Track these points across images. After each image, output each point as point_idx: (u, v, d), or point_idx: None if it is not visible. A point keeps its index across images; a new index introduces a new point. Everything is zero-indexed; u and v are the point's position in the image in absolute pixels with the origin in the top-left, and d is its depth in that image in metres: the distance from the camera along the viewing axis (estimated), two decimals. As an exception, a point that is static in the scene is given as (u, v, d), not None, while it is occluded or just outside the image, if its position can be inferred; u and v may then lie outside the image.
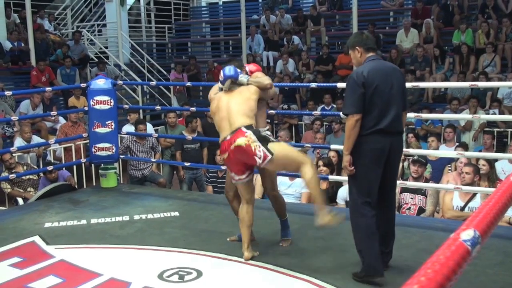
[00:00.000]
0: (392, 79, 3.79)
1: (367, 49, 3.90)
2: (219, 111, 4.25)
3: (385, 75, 3.78)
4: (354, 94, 3.72)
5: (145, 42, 16.12)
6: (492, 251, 4.27)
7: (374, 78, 3.72)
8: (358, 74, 3.75)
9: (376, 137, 3.73)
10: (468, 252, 0.85)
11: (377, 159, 3.76)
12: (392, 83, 3.77)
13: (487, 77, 9.96)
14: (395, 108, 3.77)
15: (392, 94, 3.75)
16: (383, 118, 3.72)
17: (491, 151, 7.75)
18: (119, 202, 6.02)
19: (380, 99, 3.72)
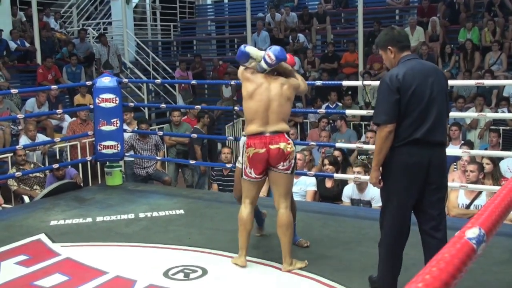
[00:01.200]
0: (433, 82, 3.33)
1: (401, 48, 3.45)
2: (256, 99, 3.97)
3: (424, 76, 3.32)
4: (387, 100, 3.29)
5: (151, 40, 16.14)
6: (498, 249, 4.26)
7: (411, 81, 3.28)
8: (392, 77, 3.30)
9: (411, 148, 3.29)
10: (473, 250, 0.85)
11: (412, 175, 3.30)
12: (433, 86, 3.31)
13: (493, 75, 9.93)
14: (436, 115, 3.30)
15: (433, 98, 3.29)
16: (420, 126, 3.27)
17: (497, 149, 7.72)
18: (124, 200, 6.03)
19: (418, 105, 3.27)
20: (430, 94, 3.28)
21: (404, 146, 3.28)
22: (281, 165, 3.93)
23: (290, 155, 3.94)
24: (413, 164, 3.28)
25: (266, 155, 3.91)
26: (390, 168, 3.34)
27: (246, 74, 4.08)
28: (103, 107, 6.45)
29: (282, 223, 4.00)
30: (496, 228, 0.96)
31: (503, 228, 4.65)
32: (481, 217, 0.96)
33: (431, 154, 3.31)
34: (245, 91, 4.03)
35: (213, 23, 17.23)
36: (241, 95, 4.09)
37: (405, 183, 3.31)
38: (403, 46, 3.45)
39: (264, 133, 3.93)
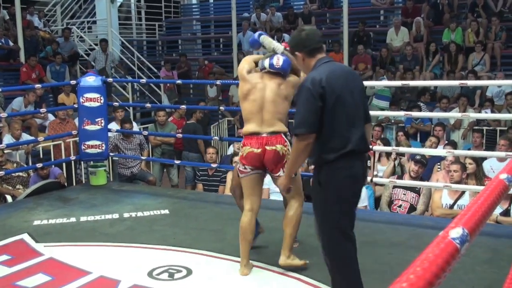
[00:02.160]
0: (354, 86, 3.11)
1: (310, 52, 3.16)
2: (250, 99, 3.92)
3: (347, 81, 3.08)
4: (309, 109, 2.99)
5: (136, 39, 16.07)
6: (481, 249, 4.30)
7: (335, 86, 3.00)
8: (315, 82, 2.99)
9: (349, 161, 3.03)
10: (457, 250, 0.86)
11: (352, 189, 3.10)
12: (355, 92, 3.08)
13: (476, 75, 10.01)
14: (362, 122, 3.12)
15: (357, 105, 3.08)
16: (351, 136, 3.02)
17: (480, 150, 7.78)
18: (108, 200, 6.00)
19: (344, 112, 3.01)
20: (354, 100, 3.06)
21: (343, 159, 3.01)
22: (281, 172, 3.85)
23: (286, 157, 3.82)
24: (354, 176, 3.07)
25: (261, 155, 3.86)
26: (333, 184, 3.05)
27: (243, 73, 4.02)
28: (88, 106, 6.42)
29: (287, 216, 3.95)
30: (480, 228, 0.97)
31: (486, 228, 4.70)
32: (465, 217, 0.96)
33: (363, 165, 3.15)
34: (240, 91, 4.00)
35: (198, 22, 17.20)
36: (227, 95, 4.10)
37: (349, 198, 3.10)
38: (312, 49, 3.16)
39: (260, 134, 3.87)
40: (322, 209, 3.11)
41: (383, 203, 6.15)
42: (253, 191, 3.98)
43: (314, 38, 3.20)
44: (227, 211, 5.49)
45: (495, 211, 5.41)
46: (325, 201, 3.08)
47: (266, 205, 5.72)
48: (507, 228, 4.91)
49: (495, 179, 1.25)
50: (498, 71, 10.75)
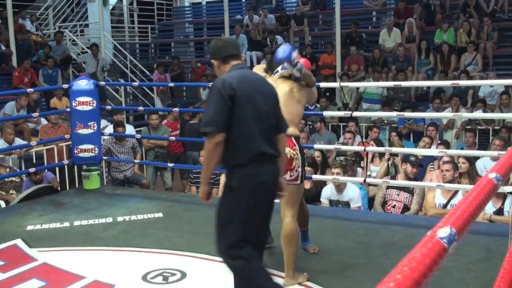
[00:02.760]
0: (263, 93, 3.16)
1: (225, 59, 3.22)
2: None
3: (255, 87, 3.14)
4: (218, 108, 3.00)
5: (128, 42, 16.04)
6: (475, 248, 4.32)
7: (245, 89, 3.05)
8: (225, 83, 3.03)
9: (258, 166, 3.06)
10: (444, 249, 0.86)
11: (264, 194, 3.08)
12: (264, 98, 3.13)
13: (468, 75, 10.04)
14: (272, 128, 3.15)
15: (268, 110, 3.13)
16: (262, 140, 3.06)
17: (473, 149, 7.81)
18: (102, 204, 5.98)
19: (254, 116, 3.05)
20: (267, 106, 3.12)
21: (251, 164, 3.03)
22: (288, 175, 3.79)
23: (294, 162, 3.78)
24: (264, 182, 3.07)
25: None
26: (243, 188, 3.03)
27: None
28: (80, 110, 6.40)
29: (286, 233, 3.81)
30: (468, 227, 0.97)
31: (479, 227, 4.73)
32: (453, 217, 0.97)
33: (275, 169, 3.14)
34: None
35: (191, 25, 17.18)
36: None
37: (260, 202, 3.08)
38: (226, 57, 3.22)
39: None
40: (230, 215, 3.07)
41: (377, 203, 6.16)
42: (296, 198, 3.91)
43: (229, 46, 3.27)
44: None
45: (488, 210, 5.43)
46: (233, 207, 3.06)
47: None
48: (500, 227, 4.93)
49: (484, 178, 1.25)
50: (490, 71, 10.78)
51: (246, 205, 3.02)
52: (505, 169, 1.36)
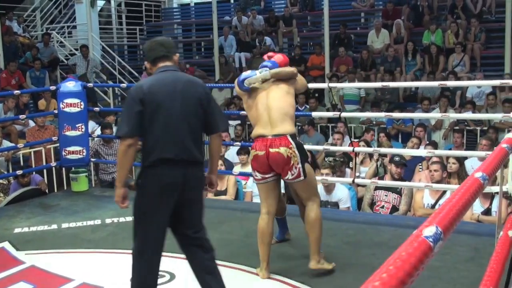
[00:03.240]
0: (182, 96, 3.14)
1: (154, 61, 3.26)
2: (257, 104, 3.94)
3: (173, 90, 3.14)
4: (129, 112, 3.09)
5: (116, 44, 15.99)
6: (463, 247, 4.34)
7: (157, 93, 3.10)
8: (138, 88, 3.15)
9: (163, 169, 3.11)
10: (430, 248, 0.86)
11: (165, 196, 3.13)
12: (182, 101, 3.13)
13: (456, 76, 10.10)
14: (188, 131, 3.14)
15: (184, 113, 3.13)
16: (170, 144, 3.10)
17: (461, 149, 7.85)
18: (90, 206, 5.96)
19: (165, 119, 3.09)
20: (180, 109, 3.12)
21: (157, 166, 3.10)
22: (290, 175, 3.83)
23: (292, 160, 3.78)
24: (167, 184, 3.11)
25: (265, 158, 3.81)
26: (145, 189, 3.15)
27: (240, 90, 4.09)
28: (68, 112, 6.37)
29: (308, 220, 3.94)
30: (454, 226, 0.98)
31: (467, 227, 4.75)
32: (439, 216, 0.97)
33: (186, 173, 3.14)
34: (245, 105, 4.06)
35: (179, 26, 17.15)
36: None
37: (160, 205, 3.15)
38: (155, 59, 3.26)
39: (266, 136, 3.84)
40: (135, 210, 3.21)
41: (365, 205, 6.17)
42: (268, 195, 3.97)
43: (158, 48, 3.27)
44: (209, 215, 5.44)
45: (476, 210, 5.46)
46: (139, 204, 3.18)
47: (250, 208, 5.73)
48: (488, 227, 4.95)
49: (470, 178, 1.26)
50: (477, 72, 10.85)
51: (146, 204, 3.13)
52: (491, 168, 1.36)
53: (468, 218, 5.47)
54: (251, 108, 4.00)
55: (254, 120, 3.96)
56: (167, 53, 3.28)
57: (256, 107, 3.95)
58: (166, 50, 3.29)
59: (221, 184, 6.70)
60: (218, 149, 3.46)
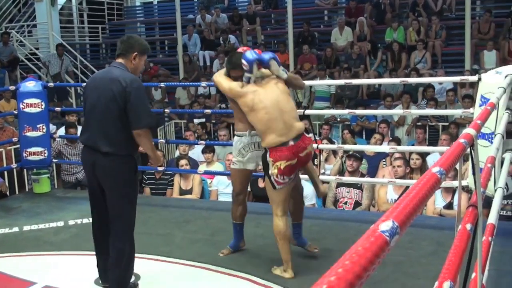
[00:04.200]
0: (100, 90, 3.48)
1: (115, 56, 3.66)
2: (262, 108, 3.74)
3: (97, 84, 3.55)
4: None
5: (78, 42, 15.76)
6: (426, 241, 4.41)
7: (87, 87, 3.65)
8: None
9: (83, 149, 3.68)
10: (386, 243, 0.86)
11: (87, 173, 3.72)
12: (99, 95, 3.48)
13: (418, 73, 10.26)
14: (98, 123, 3.48)
15: (96, 106, 3.49)
16: (84, 131, 3.63)
17: (423, 145, 7.97)
18: (52, 208, 5.86)
19: (86, 110, 3.59)
20: (95, 101, 3.48)
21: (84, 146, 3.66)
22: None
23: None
24: (84, 162, 3.64)
25: (297, 164, 3.78)
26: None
27: (237, 89, 3.84)
28: (28, 112, 6.25)
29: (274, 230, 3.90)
30: (410, 220, 0.99)
31: (430, 221, 4.83)
32: (396, 210, 0.98)
33: (96, 159, 3.51)
34: (245, 107, 3.81)
35: (142, 24, 16.99)
36: (173, 98, 4.05)
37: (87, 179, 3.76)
38: (116, 55, 3.62)
39: (287, 143, 3.71)
40: None
41: (328, 202, 6.22)
42: (287, 196, 3.88)
43: (122, 44, 3.60)
44: (174, 215, 5.45)
45: (438, 205, 5.56)
46: None
47: (215, 207, 5.72)
48: (450, 221, 5.04)
49: (428, 173, 1.27)
50: (439, 69, 11.04)
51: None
52: (449, 163, 1.38)
53: (430, 213, 5.56)
54: (254, 109, 3.77)
55: (266, 123, 3.73)
56: (121, 51, 3.58)
57: (263, 109, 3.74)
58: (122, 49, 3.59)
59: (187, 183, 6.67)
60: (142, 146, 3.58)
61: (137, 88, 3.44)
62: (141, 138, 3.47)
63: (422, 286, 3.57)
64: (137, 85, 3.46)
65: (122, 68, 3.52)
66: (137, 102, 3.41)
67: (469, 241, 1.70)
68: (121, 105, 3.39)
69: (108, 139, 3.45)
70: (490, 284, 2.95)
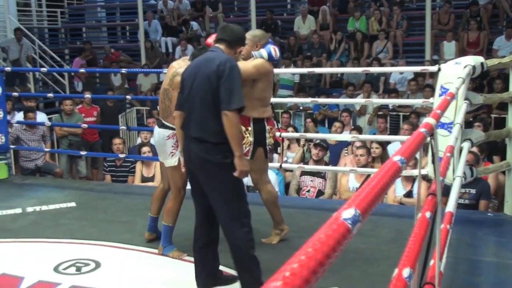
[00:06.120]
0: (197, 73, 3.28)
1: (215, 41, 3.47)
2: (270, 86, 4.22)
3: (196, 68, 3.32)
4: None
5: (36, 27, 15.38)
6: (386, 229, 4.48)
7: (185, 72, 3.42)
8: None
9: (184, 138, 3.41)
10: (348, 230, 0.87)
11: (185, 162, 3.43)
12: (195, 79, 3.27)
13: (380, 63, 10.36)
14: (192, 108, 3.29)
15: (193, 92, 3.28)
16: (184, 119, 3.38)
17: (384, 134, 8.07)
18: (10, 195, 5.75)
19: (183, 97, 3.37)
20: (191, 86, 3.28)
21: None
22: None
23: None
24: (185, 151, 3.39)
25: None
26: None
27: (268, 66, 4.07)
28: (-16, 97, 6.10)
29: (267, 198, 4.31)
30: (372, 208, 1.00)
31: (390, 209, 4.90)
32: (358, 198, 0.99)
33: (190, 145, 3.30)
34: (262, 84, 4.05)
35: (103, 9, 16.70)
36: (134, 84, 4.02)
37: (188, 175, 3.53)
38: (215, 39, 3.46)
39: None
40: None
41: (292, 190, 6.25)
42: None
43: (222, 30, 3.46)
44: (136, 202, 5.40)
45: (399, 193, 5.64)
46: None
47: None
48: (410, 209, 5.12)
49: (389, 161, 1.29)
50: (400, 59, 11.18)
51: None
52: (410, 152, 1.40)
53: (391, 201, 5.64)
54: (266, 89, 4.12)
55: (267, 101, 4.15)
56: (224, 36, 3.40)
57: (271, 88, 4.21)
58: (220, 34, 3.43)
59: (149, 171, 6.62)
60: (226, 130, 3.16)
61: (231, 67, 3.20)
62: (227, 121, 3.13)
63: (382, 273, 3.61)
64: (231, 64, 3.22)
65: (218, 51, 3.35)
66: (230, 81, 3.16)
67: (428, 229, 1.73)
68: (214, 84, 3.16)
69: (201, 125, 3.23)
70: (448, 271, 3.02)
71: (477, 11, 11.26)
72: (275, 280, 0.73)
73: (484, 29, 11.04)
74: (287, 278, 0.73)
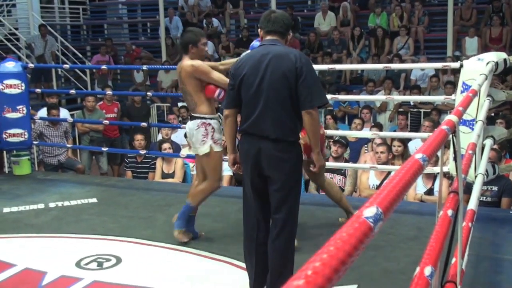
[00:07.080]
0: (265, 69, 3.10)
1: (266, 32, 3.28)
2: None
3: (259, 63, 3.13)
4: (228, 86, 3.32)
5: (59, 23, 15.53)
6: (406, 227, 4.45)
7: (243, 67, 3.17)
8: (236, 62, 3.35)
9: (244, 137, 3.25)
10: (370, 229, 0.87)
11: (245, 163, 3.25)
12: (264, 75, 3.09)
13: (400, 59, 10.29)
14: (262, 105, 3.11)
15: (262, 87, 3.10)
16: (248, 117, 3.17)
17: (405, 131, 8.02)
18: (33, 190, 5.82)
19: (246, 93, 3.16)
20: (260, 83, 3.10)
21: (242, 135, 3.26)
22: None
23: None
24: (245, 152, 3.23)
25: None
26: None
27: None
28: (8, 93, 6.17)
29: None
30: (394, 206, 0.99)
31: (411, 207, 4.87)
32: (379, 197, 0.98)
33: (260, 144, 3.14)
34: None
35: (124, 6, 16.79)
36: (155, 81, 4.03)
37: (244, 169, 3.31)
38: (268, 31, 3.26)
39: None
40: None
41: (312, 188, 6.24)
42: None
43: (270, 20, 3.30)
44: (156, 198, 5.44)
45: (419, 191, 5.60)
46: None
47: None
48: (430, 206, 5.09)
49: (411, 159, 1.28)
50: (421, 55, 11.08)
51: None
52: (431, 149, 1.39)
53: (411, 198, 5.61)
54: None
55: None
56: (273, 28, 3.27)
57: None
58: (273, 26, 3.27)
59: (169, 167, 6.65)
60: (309, 128, 3.17)
61: (307, 62, 3.12)
62: (312, 119, 3.09)
63: (402, 270, 3.61)
64: (306, 60, 3.15)
65: (280, 44, 3.23)
66: (310, 78, 3.08)
67: (450, 226, 1.72)
68: (292, 83, 3.05)
69: (277, 123, 3.11)
70: (470, 269, 2.99)
71: (499, 6, 11.11)
72: (297, 278, 0.73)
73: (507, 24, 10.90)
74: (309, 277, 0.73)
